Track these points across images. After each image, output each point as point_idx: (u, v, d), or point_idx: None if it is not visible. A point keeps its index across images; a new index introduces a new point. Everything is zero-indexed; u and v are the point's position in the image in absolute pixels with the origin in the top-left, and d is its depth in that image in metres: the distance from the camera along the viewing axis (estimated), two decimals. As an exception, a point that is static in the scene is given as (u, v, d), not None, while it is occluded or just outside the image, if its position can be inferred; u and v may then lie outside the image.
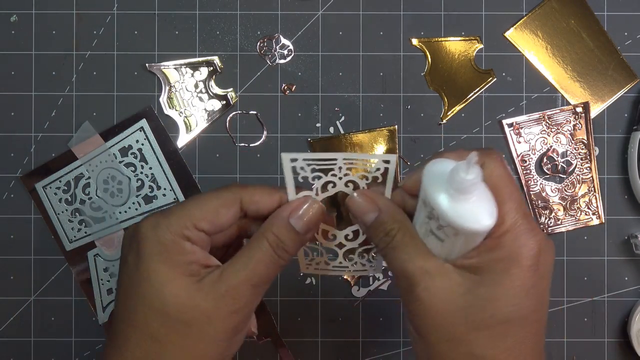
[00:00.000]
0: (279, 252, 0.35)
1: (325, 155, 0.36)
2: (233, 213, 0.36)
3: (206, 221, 0.35)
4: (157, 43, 0.52)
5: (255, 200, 0.36)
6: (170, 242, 0.34)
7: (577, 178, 0.52)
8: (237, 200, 0.36)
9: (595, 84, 0.53)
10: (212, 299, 0.34)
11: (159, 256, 0.34)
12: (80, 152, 0.52)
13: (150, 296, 0.34)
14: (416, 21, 0.52)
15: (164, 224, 0.35)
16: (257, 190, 0.37)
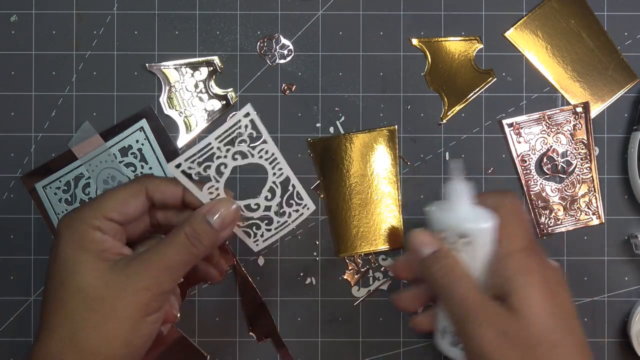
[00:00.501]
0: (193, 241, 0.38)
1: (198, 146, 0.39)
2: (140, 202, 0.39)
3: (115, 211, 0.38)
4: (157, 43, 0.52)
5: (161, 190, 0.40)
6: (82, 231, 0.38)
7: (577, 178, 0.52)
8: (143, 190, 0.40)
9: (595, 84, 0.53)
10: (124, 276, 0.37)
11: (72, 243, 0.38)
12: (80, 152, 0.52)
13: (67, 278, 0.37)
14: (416, 21, 0.52)
15: (76, 217, 0.38)
16: (163, 181, 0.40)
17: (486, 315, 0.38)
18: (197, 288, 0.52)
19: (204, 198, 0.40)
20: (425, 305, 0.46)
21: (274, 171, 0.42)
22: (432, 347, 0.52)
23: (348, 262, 0.52)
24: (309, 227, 0.52)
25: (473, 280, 0.40)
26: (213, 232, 0.39)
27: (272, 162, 0.41)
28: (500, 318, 0.38)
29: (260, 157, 0.41)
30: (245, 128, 0.40)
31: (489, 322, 0.38)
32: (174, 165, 0.38)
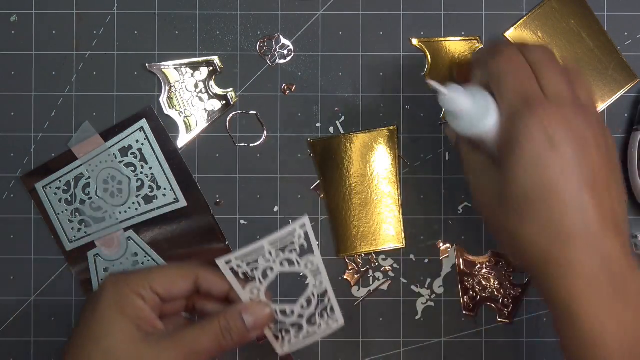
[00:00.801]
0: (225, 334, 0.40)
1: (252, 246, 0.41)
2: (188, 285, 0.42)
3: (162, 286, 0.40)
4: (157, 43, 0.52)
5: (209, 281, 0.42)
6: (125, 295, 0.39)
7: (577, 178, 0.52)
8: (194, 275, 0.42)
9: (595, 84, 0.53)
10: (154, 351, 0.39)
11: (114, 305, 0.39)
12: (80, 152, 0.52)
13: (99, 335, 0.39)
14: (416, 21, 0.52)
15: (123, 279, 0.40)
16: (214, 274, 0.42)
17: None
18: (197, 288, 0.52)
19: (244, 296, 0.42)
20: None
21: (315, 282, 0.44)
22: (432, 347, 0.52)
23: (348, 262, 0.52)
24: (309, 227, 0.52)
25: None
26: (245, 330, 0.41)
27: (316, 273, 0.43)
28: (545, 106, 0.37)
29: (305, 267, 0.43)
30: (298, 238, 0.42)
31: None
32: (224, 260, 0.41)
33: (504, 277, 0.52)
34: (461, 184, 0.52)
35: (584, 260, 0.36)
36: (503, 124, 0.39)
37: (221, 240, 0.52)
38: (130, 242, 0.52)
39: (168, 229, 0.52)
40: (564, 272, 0.36)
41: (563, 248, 0.36)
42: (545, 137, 0.37)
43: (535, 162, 0.37)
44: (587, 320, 0.36)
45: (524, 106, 0.38)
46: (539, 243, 0.37)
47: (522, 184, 0.37)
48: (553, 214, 0.36)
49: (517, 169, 0.37)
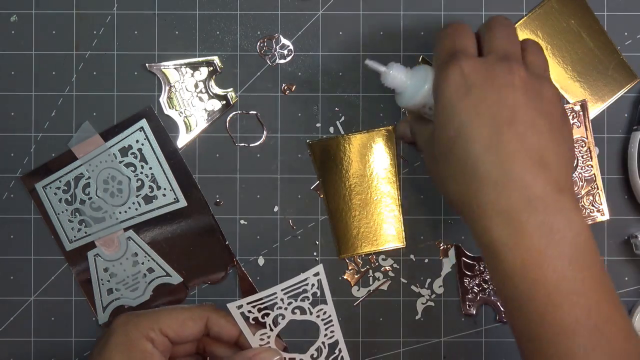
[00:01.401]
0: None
1: (264, 293, 0.41)
2: (198, 328, 0.41)
3: (172, 329, 0.40)
4: (157, 43, 0.52)
5: (220, 324, 0.42)
6: (134, 338, 0.39)
7: (580, 176, 0.52)
8: (204, 318, 0.41)
9: (595, 84, 0.53)
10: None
11: (121, 347, 0.39)
12: (80, 152, 0.52)
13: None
14: (416, 21, 0.52)
15: (133, 322, 0.40)
16: (225, 317, 0.42)
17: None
18: (197, 288, 0.52)
19: (254, 342, 0.41)
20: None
21: (325, 332, 0.44)
22: (433, 347, 0.52)
23: (348, 262, 0.52)
24: (309, 227, 0.52)
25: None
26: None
27: (327, 323, 0.43)
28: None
29: (317, 316, 0.43)
30: (311, 287, 0.42)
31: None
32: (236, 305, 0.41)
33: (504, 277, 0.52)
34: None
35: (500, 201, 0.35)
36: (434, 81, 0.40)
37: (221, 240, 0.52)
38: (130, 242, 0.52)
39: (168, 229, 0.52)
40: (480, 214, 0.36)
41: (476, 192, 0.36)
42: (462, 82, 0.37)
43: (452, 106, 0.37)
44: (506, 259, 0.35)
45: (449, 58, 0.39)
46: (457, 186, 0.37)
47: (444, 129, 0.38)
48: (469, 156, 0.36)
49: (440, 116, 0.38)
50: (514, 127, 0.36)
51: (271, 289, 0.41)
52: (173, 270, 0.52)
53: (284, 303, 0.41)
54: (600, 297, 0.35)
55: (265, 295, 0.41)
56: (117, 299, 0.52)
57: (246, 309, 0.41)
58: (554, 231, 0.35)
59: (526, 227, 0.35)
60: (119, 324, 0.40)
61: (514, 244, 0.35)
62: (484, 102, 0.37)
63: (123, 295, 0.52)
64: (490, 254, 0.36)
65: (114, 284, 0.52)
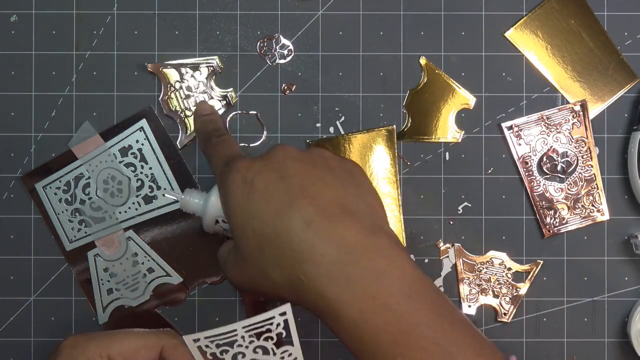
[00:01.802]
0: None
1: (224, 329, 0.37)
2: (151, 357, 0.39)
3: (122, 356, 0.38)
4: (157, 43, 0.52)
5: (177, 354, 0.39)
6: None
7: (580, 176, 0.52)
8: (159, 347, 0.39)
9: (595, 84, 0.53)
10: None
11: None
12: (80, 152, 0.52)
13: None
14: (416, 21, 0.52)
15: (82, 345, 0.38)
16: (181, 347, 0.39)
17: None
18: (197, 288, 0.52)
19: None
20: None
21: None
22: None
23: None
24: (309, 227, 0.52)
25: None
26: None
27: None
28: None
29: (281, 357, 0.39)
30: (277, 326, 0.38)
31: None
32: (193, 339, 0.37)
33: (504, 277, 0.52)
34: (461, 183, 0.52)
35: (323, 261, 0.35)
36: (220, 192, 0.41)
37: (221, 240, 0.52)
38: (130, 242, 0.52)
39: (168, 229, 0.52)
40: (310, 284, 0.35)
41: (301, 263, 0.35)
42: (242, 182, 0.38)
43: (246, 202, 0.37)
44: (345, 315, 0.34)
45: (226, 166, 0.40)
46: (282, 270, 0.36)
47: (247, 225, 0.37)
48: (280, 238, 0.36)
49: (234, 224, 0.38)
50: (306, 191, 0.36)
51: (231, 325, 0.37)
52: (173, 270, 0.52)
53: (245, 341, 0.38)
54: (445, 322, 0.34)
55: (224, 331, 0.37)
56: (117, 299, 0.52)
57: (203, 343, 0.37)
58: (379, 273, 0.34)
59: (353, 276, 0.34)
60: (66, 346, 0.38)
61: (347, 297, 0.34)
62: (269, 183, 0.37)
63: (123, 295, 0.52)
64: (330, 317, 0.35)
65: (114, 284, 0.52)
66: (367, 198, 0.39)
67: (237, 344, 0.38)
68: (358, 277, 0.34)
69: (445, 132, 0.52)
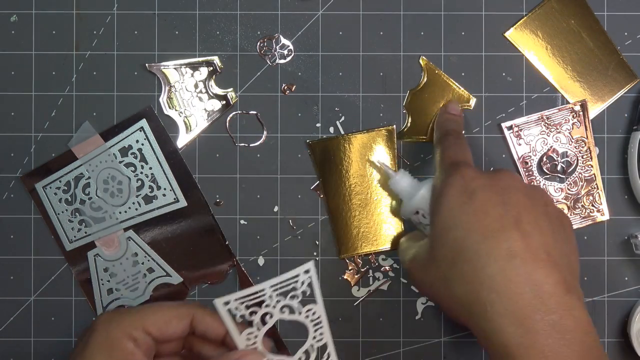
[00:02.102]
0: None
1: (253, 289, 0.39)
2: (183, 326, 0.40)
3: (156, 327, 0.39)
4: (157, 43, 0.52)
5: (206, 322, 0.40)
6: (116, 338, 0.38)
7: (580, 176, 0.52)
8: (190, 316, 0.40)
9: (595, 84, 0.53)
10: None
11: (102, 348, 0.38)
12: (80, 152, 0.52)
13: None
14: (416, 21, 0.52)
15: (115, 320, 0.39)
16: (211, 315, 0.40)
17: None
18: (197, 288, 0.52)
19: (241, 342, 0.39)
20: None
21: (314, 334, 0.41)
22: (432, 347, 0.52)
23: (348, 262, 0.52)
24: (309, 227, 0.52)
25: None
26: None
27: (316, 325, 0.41)
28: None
29: (306, 316, 0.41)
30: (301, 284, 0.40)
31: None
32: (223, 302, 0.38)
33: (504, 277, 0.52)
34: (461, 184, 0.52)
35: (511, 300, 0.35)
36: (436, 188, 0.41)
37: (221, 240, 0.52)
38: (130, 242, 0.52)
39: (168, 229, 0.52)
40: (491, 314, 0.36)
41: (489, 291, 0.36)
42: (463, 190, 0.38)
43: (459, 208, 0.38)
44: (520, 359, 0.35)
45: (451, 168, 0.40)
46: (466, 286, 0.37)
47: (449, 231, 0.38)
48: (478, 257, 0.36)
49: (444, 219, 0.39)
50: (520, 226, 0.37)
51: (260, 285, 0.39)
52: (173, 270, 0.52)
53: (273, 301, 0.39)
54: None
55: (254, 291, 0.39)
56: (117, 299, 0.52)
57: (233, 305, 0.38)
58: (566, 331, 0.35)
59: (539, 326, 0.35)
60: (100, 322, 0.39)
61: (528, 344, 0.35)
62: (489, 202, 0.38)
63: (123, 295, 0.52)
64: (502, 354, 0.36)
65: (114, 284, 0.52)
66: (571, 254, 0.40)
67: (265, 304, 0.39)
68: (543, 328, 0.35)
69: (445, 132, 0.52)
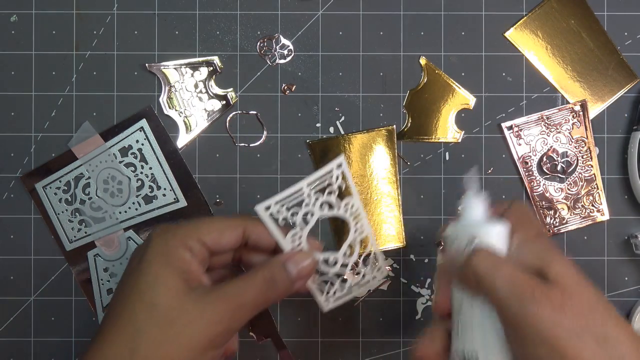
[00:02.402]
0: (269, 285, 0.38)
1: (291, 190, 0.40)
2: (235, 237, 0.40)
3: (210, 237, 0.39)
4: (157, 43, 0.52)
5: (257, 231, 0.40)
6: (173, 247, 0.38)
7: (580, 176, 0.52)
8: (242, 227, 0.40)
9: (595, 84, 0.53)
10: (199, 305, 0.37)
11: (159, 257, 0.37)
12: (80, 152, 0.52)
13: (143, 289, 0.37)
14: (416, 21, 0.52)
15: (172, 231, 0.39)
16: (262, 225, 0.40)
17: (540, 292, 0.35)
18: (197, 288, 0.52)
19: (286, 245, 0.40)
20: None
21: (355, 227, 0.42)
22: (432, 347, 0.52)
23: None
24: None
25: (515, 263, 0.37)
26: (289, 280, 0.39)
27: (356, 217, 0.42)
28: (552, 292, 0.35)
29: (345, 210, 0.42)
30: (336, 179, 0.41)
31: (544, 298, 0.35)
32: (264, 206, 0.39)
33: (504, 277, 0.52)
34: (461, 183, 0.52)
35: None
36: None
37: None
38: (130, 242, 0.52)
39: (168, 229, 0.52)
40: None
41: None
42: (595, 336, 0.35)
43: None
44: None
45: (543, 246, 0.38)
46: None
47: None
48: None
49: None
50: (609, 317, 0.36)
51: (297, 185, 0.39)
52: (173, 270, 0.52)
53: (311, 199, 0.40)
54: None
55: (292, 192, 0.39)
56: (117, 299, 0.52)
57: (275, 209, 0.39)
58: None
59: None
60: (157, 234, 0.39)
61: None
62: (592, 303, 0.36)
63: (123, 295, 0.52)
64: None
65: (114, 284, 0.52)
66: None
67: (304, 204, 0.40)
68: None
69: (445, 132, 0.52)
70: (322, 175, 0.40)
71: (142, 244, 0.40)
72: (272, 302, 0.39)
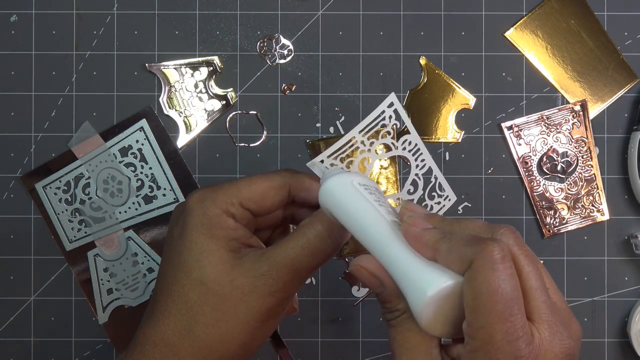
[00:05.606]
0: (328, 240, 0.35)
1: (342, 141, 0.37)
2: (281, 197, 0.36)
3: (253, 201, 0.36)
4: (157, 43, 0.52)
5: (305, 187, 0.37)
6: (214, 215, 0.35)
7: (580, 176, 0.52)
8: (286, 185, 0.36)
9: (595, 84, 0.53)
10: (251, 277, 0.34)
11: (202, 228, 0.34)
12: (80, 152, 0.52)
13: (189, 266, 0.34)
14: (416, 21, 0.52)
15: (210, 198, 0.35)
16: (307, 178, 0.37)
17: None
18: (197, 288, 0.52)
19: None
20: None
21: (417, 163, 0.40)
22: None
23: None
24: (309, 227, 0.52)
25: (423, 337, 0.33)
26: (344, 229, 0.34)
27: (416, 153, 0.39)
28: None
29: (404, 148, 0.39)
30: (389, 119, 0.38)
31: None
32: (319, 160, 0.36)
33: (504, 277, 0.52)
34: (461, 184, 0.52)
35: None
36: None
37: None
38: (130, 242, 0.52)
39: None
40: None
41: None
42: None
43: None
44: None
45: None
46: None
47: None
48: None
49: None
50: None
51: (347, 135, 0.36)
52: (173, 270, 0.52)
53: (366, 145, 0.37)
54: None
55: (344, 142, 0.36)
56: (117, 299, 0.52)
57: (328, 162, 0.36)
58: None
59: None
60: (194, 202, 0.35)
61: None
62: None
63: (123, 295, 0.52)
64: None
65: (114, 284, 0.52)
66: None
67: (359, 151, 0.38)
68: None
69: (445, 132, 0.52)
70: (373, 119, 0.37)
71: (179, 209, 0.37)
72: (328, 258, 0.35)
